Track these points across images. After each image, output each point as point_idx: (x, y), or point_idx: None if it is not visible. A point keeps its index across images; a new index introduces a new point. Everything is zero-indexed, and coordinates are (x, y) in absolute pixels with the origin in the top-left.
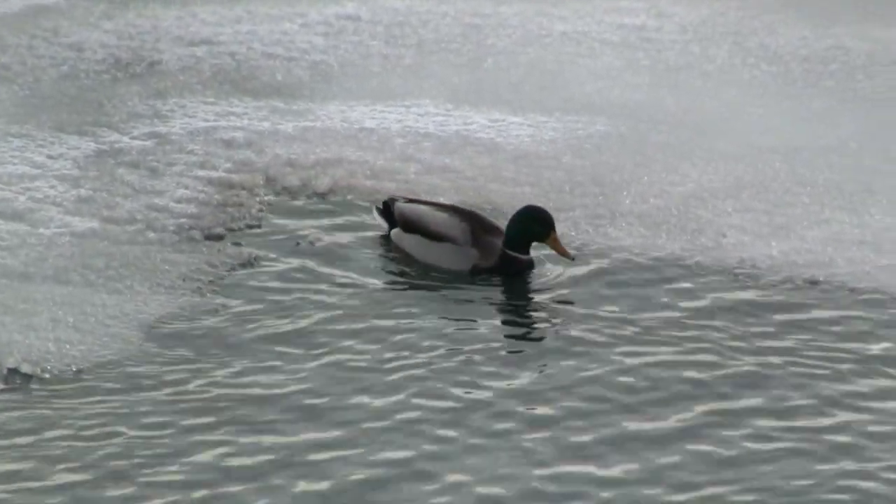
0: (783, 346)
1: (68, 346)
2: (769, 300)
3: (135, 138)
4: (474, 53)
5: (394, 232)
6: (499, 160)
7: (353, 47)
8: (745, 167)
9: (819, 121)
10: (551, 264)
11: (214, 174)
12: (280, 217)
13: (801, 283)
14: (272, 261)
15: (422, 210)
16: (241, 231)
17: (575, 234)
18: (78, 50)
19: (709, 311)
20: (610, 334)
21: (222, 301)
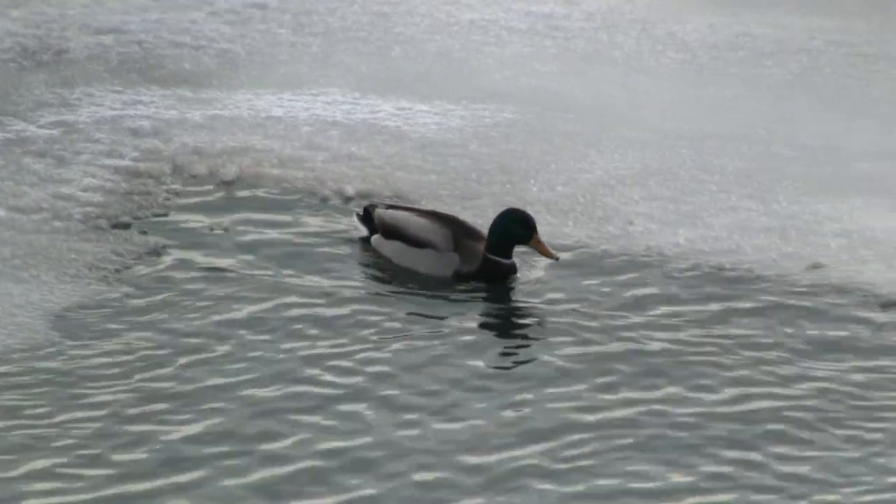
0: (690, 333)
1: None
2: (676, 287)
3: (41, 127)
4: (382, 42)
5: (374, 238)
6: (406, 148)
7: (260, 35)
8: (653, 155)
9: (726, 108)
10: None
11: (121, 163)
12: (187, 205)
13: (707, 270)
14: (179, 249)
15: (402, 216)
16: (147, 220)
17: (483, 222)
18: None
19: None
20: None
21: (129, 290)
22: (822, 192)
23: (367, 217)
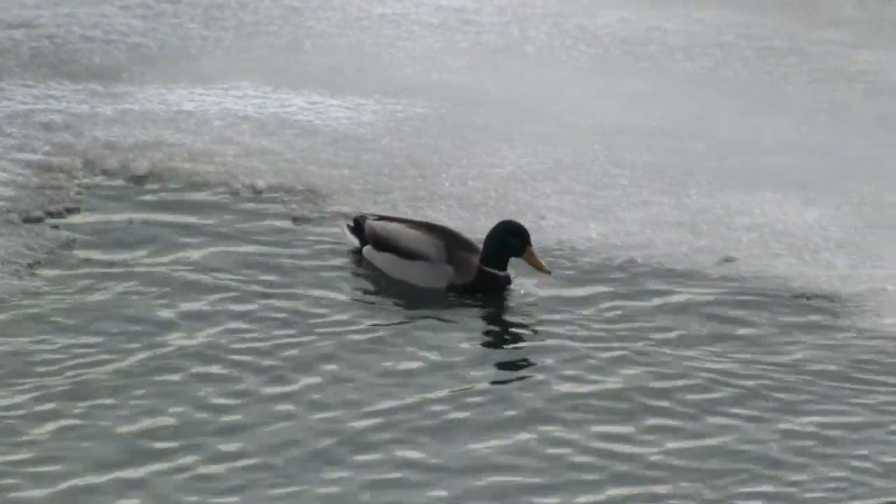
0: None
1: None
2: (587, 282)
3: None
4: (293, 36)
5: (365, 249)
6: (317, 143)
7: (172, 30)
8: (564, 149)
9: (638, 102)
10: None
11: (33, 157)
12: (99, 200)
13: (619, 264)
14: (90, 243)
15: (393, 227)
16: (59, 214)
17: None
18: None
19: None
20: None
21: (41, 284)
22: (733, 187)
23: (357, 228)
